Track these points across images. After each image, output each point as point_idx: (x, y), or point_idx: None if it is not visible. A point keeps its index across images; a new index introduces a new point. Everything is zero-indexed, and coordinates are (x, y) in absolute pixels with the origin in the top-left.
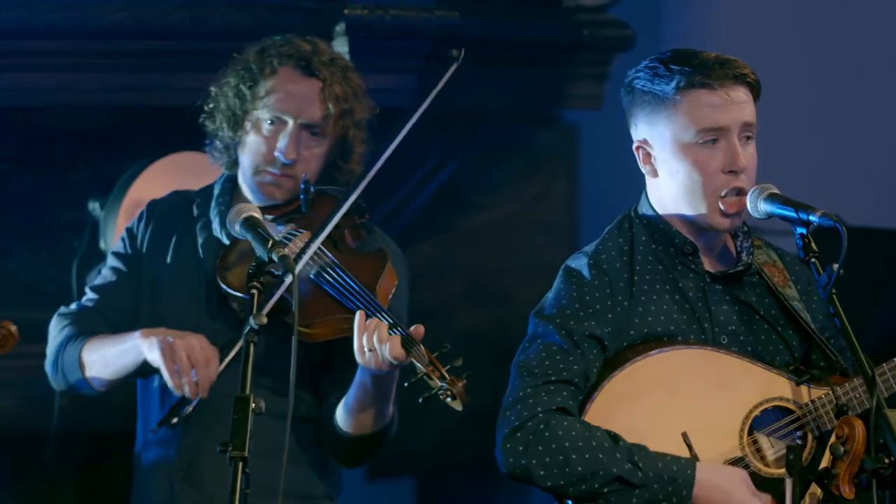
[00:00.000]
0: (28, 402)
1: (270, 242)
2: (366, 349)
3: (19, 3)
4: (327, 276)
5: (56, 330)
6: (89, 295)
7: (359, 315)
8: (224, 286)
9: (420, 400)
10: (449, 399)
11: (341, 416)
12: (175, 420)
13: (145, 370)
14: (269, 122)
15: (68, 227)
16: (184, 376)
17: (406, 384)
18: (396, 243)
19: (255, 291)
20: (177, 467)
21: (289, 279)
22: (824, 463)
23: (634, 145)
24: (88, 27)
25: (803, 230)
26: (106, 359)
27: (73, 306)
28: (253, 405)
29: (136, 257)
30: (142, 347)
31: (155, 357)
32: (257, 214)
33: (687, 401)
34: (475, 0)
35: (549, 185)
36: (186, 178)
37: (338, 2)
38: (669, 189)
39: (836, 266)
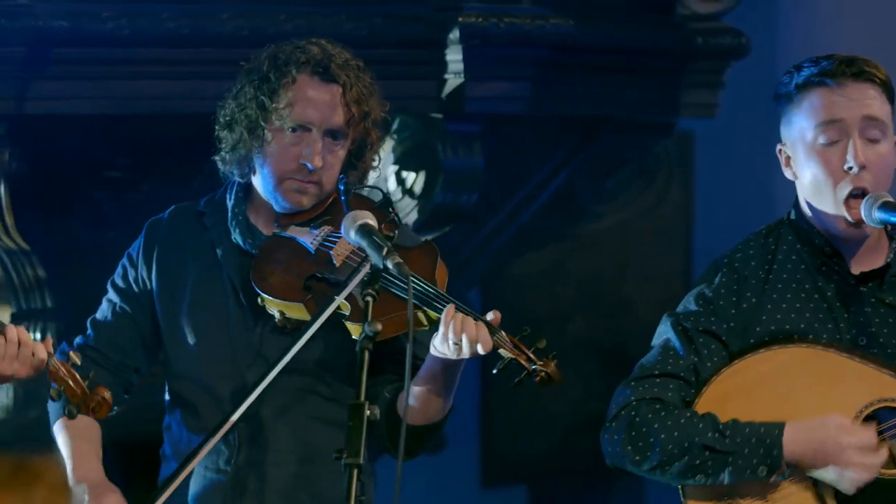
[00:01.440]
0: (140, 408)
1: (385, 250)
2: (451, 341)
3: (136, 11)
4: (397, 279)
5: None
6: (89, 331)
7: (448, 308)
8: (264, 293)
9: (512, 385)
10: (542, 380)
11: (405, 407)
12: None
13: None
14: (291, 130)
15: None
16: None
17: (494, 371)
18: (510, 251)
19: (369, 299)
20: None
21: (363, 273)
22: None
23: (777, 148)
24: (204, 35)
25: None
26: (63, 455)
27: (78, 341)
28: (368, 412)
29: (137, 286)
30: (70, 482)
31: None
32: (372, 222)
33: (794, 397)
34: (589, 8)
35: (664, 193)
36: None
37: (452, 10)
38: (804, 191)
39: None
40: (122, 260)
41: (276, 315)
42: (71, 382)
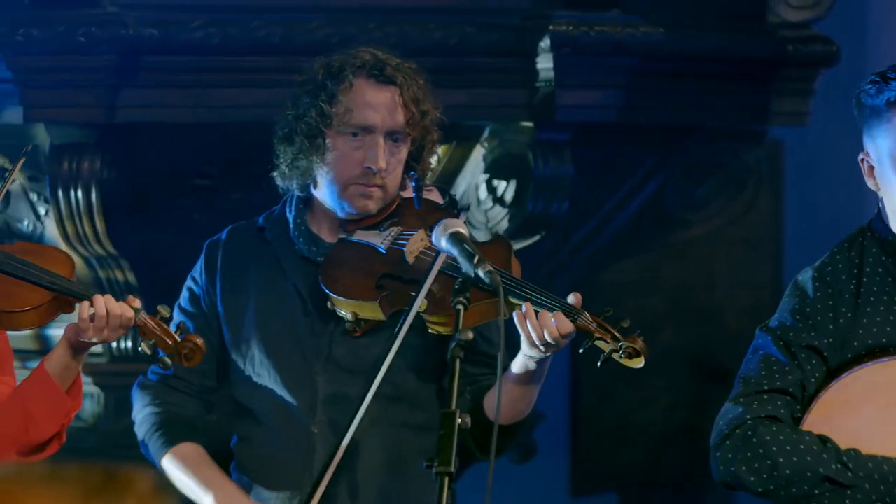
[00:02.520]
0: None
1: (477, 259)
2: (531, 331)
3: (226, 20)
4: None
5: (140, 404)
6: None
7: (517, 315)
8: (336, 295)
9: (598, 364)
10: (628, 357)
11: (493, 405)
12: None
13: None
14: (353, 135)
15: None
16: None
17: (581, 350)
18: (600, 259)
19: (460, 308)
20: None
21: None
22: None
23: (860, 157)
24: (293, 44)
25: None
26: (182, 484)
27: (152, 378)
28: (459, 420)
29: (204, 305)
30: None
31: None
32: (464, 230)
33: None
34: (680, 16)
35: (754, 201)
36: None
37: (542, 18)
38: (888, 203)
39: None
40: (186, 283)
41: (348, 317)
42: (160, 333)
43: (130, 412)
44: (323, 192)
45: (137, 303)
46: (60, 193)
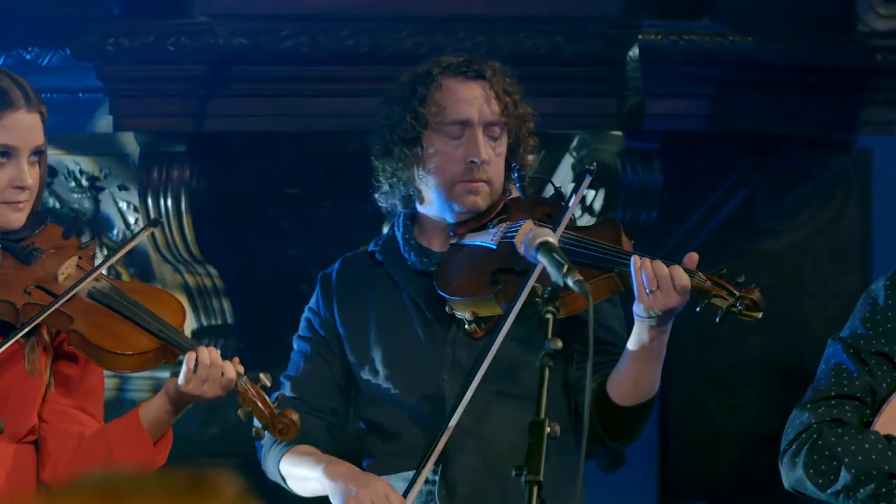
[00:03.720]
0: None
1: (566, 267)
2: (648, 289)
3: (315, 29)
4: (573, 249)
5: None
6: (285, 385)
7: (634, 259)
8: (452, 297)
9: (717, 320)
10: (746, 309)
11: (617, 389)
12: None
13: None
14: (449, 134)
15: None
16: None
17: (697, 309)
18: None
19: (549, 316)
20: (441, 486)
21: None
22: None
23: None
24: (382, 53)
25: None
26: (301, 479)
27: (273, 397)
28: (548, 429)
29: (324, 331)
30: (327, 488)
31: None
32: (552, 239)
33: None
34: (768, 25)
35: (843, 211)
36: None
37: (631, 27)
38: None
39: None
40: (303, 315)
41: (468, 318)
42: (259, 403)
43: (217, 420)
44: (429, 204)
45: (241, 368)
46: (150, 202)
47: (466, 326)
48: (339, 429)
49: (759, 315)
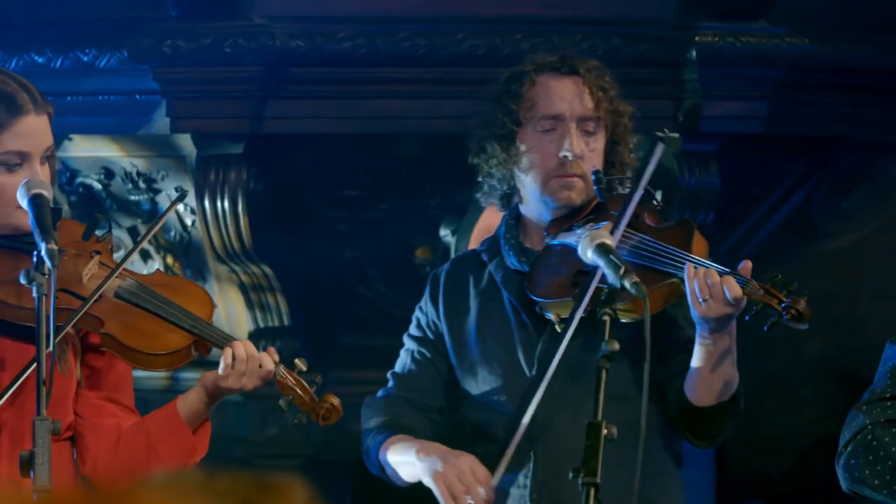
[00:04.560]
0: None
1: (622, 269)
2: (701, 298)
3: (372, 31)
4: (640, 251)
5: (364, 420)
6: (391, 382)
7: (688, 267)
8: (539, 299)
9: (765, 328)
10: (792, 319)
11: (692, 390)
12: None
13: None
14: (543, 129)
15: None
16: (459, 501)
17: (747, 318)
18: None
19: (606, 318)
20: (533, 489)
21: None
22: None
23: None
24: (439, 55)
25: None
26: (398, 465)
27: (379, 394)
28: (605, 431)
29: (430, 334)
30: (418, 469)
31: (429, 482)
32: (609, 241)
33: None
34: (826, 27)
35: None
36: None
37: (688, 29)
38: None
39: None
40: (414, 314)
41: (555, 319)
42: (298, 390)
43: (275, 422)
44: (528, 202)
45: (277, 356)
46: (207, 204)
47: (556, 327)
48: (442, 427)
49: (804, 326)
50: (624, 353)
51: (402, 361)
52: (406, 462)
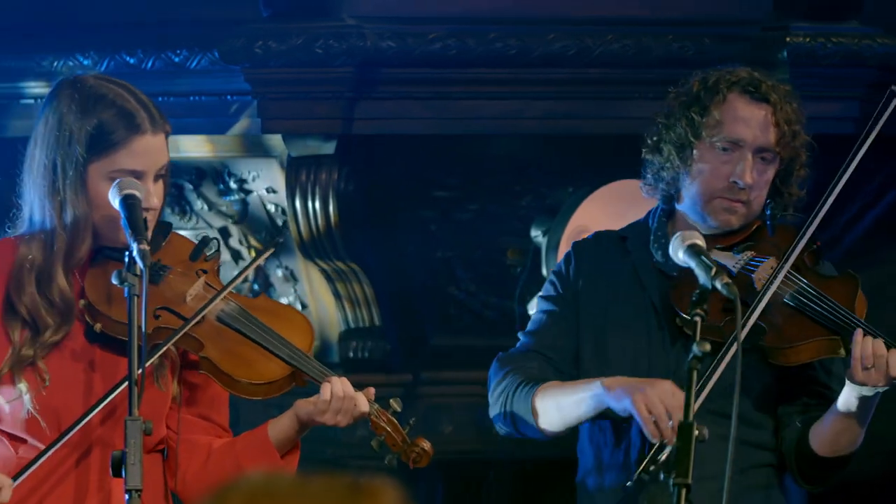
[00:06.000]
0: (468, 427)
1: (714, 270)
2: (864, 366)
3: (463, 31)
4: (806, 300)
5: (499, 376)
6: (523, 340)
7: (857, 332)
8: (683, 313)
9: None
10: None
11: (817, 438)
12: (653, 468)
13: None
14: (722, 149)
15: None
16: (661, 423)
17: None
18: (837, 271)
19: (697, 319)
20: (637, 490)
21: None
22: None
23: None
24: (530, 55)
25: None
26: (561, 408)
27: (512, 350)
28: (696, 433)
29: (569, 299)
30: (605, 398)
31: (625, 406)
32: (700, 242)
33: None
34: None
35: None
36: (628, 207)
37: (780, 30)
38: None
39: None
40: (549, 278)
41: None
42: (391, 431)
43: (365, 423)
44: (686, 205)
45: (372, 396)
46: (298, 204)
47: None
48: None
49: None
50: (753, 380)
51: (538, 321)
52: (584, 397)
